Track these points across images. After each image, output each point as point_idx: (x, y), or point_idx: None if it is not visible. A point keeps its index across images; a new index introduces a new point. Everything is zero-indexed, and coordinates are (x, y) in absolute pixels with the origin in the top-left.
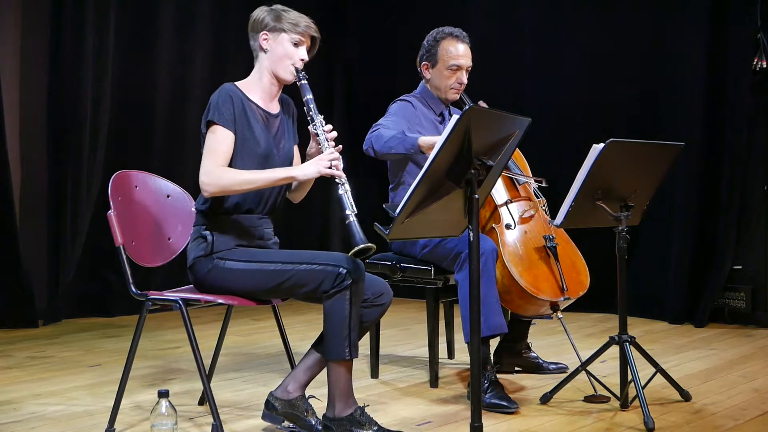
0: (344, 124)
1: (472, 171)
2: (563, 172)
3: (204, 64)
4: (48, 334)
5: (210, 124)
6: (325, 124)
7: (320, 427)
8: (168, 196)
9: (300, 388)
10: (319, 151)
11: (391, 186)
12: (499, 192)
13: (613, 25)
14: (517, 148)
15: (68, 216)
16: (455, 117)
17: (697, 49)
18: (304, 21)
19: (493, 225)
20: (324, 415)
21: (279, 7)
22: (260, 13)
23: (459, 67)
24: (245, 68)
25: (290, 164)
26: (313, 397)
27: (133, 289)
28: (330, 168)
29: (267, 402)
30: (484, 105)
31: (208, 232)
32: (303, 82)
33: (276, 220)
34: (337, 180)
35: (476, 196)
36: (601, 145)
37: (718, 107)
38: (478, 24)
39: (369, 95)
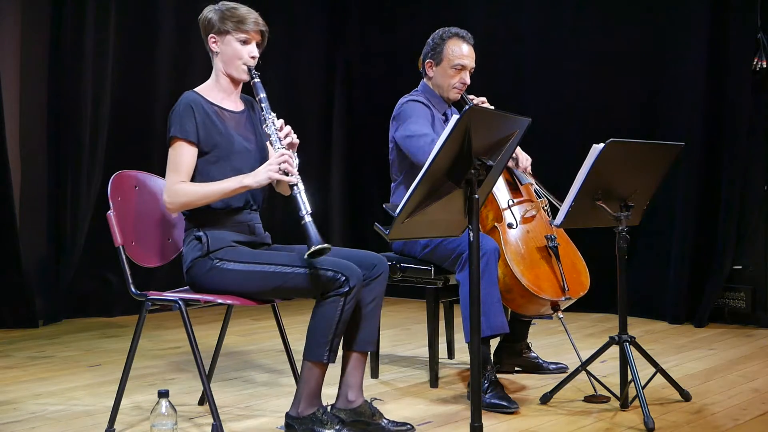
0: (345, 125)
1: (472, 171)
2: (563, 172)
3: (204, 64)
4: (48, 334)
5: (172, 139)
6: (278, 120)
7: (390, 426)
8: None
9: (360, 394)
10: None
11: (394, 184)
12: (502, 193)
13: (614, 25)
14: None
15: (68, 216)
16: (455, 117)
17: (697, 49)
18: (251, 18)
19: (496, 224)
20: (287, 413)
21: (225, 4)
22: (207, 13)
23: (463, 67)
24: None
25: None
26: (376, 398)
27: (133, 290)
28: (279, 172)
29: (327, 414)
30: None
31: (201, 233)
32: (256, 80)
33: (276, 219)
34: (288, 182)
35: (476, 196)
36: (601, 145)
37: (718, 107)
38: (478, 24)
39: (369, 96)
